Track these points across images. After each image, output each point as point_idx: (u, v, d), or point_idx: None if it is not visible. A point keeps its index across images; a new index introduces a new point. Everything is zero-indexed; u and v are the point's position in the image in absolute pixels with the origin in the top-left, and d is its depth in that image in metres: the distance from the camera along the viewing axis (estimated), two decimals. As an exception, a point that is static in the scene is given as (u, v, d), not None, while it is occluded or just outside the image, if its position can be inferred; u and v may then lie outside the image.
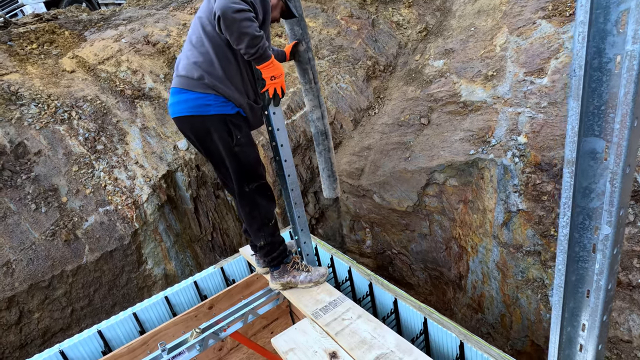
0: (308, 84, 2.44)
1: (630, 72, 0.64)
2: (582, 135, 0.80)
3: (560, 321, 0.98)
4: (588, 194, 0.84)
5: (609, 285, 0.83)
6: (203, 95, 1.86)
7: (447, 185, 3.38)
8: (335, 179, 2.76)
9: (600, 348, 0.91)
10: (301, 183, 4.57)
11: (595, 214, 0.86)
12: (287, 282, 2.23)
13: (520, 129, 2.95)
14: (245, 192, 2.06)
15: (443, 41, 4.22)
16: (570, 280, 0.97)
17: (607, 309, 0.87)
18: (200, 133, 1.96)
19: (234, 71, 1.90)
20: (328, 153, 2.67)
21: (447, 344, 2.09)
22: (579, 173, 0.84)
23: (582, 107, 0.75)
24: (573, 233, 0.89)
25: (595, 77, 0.75)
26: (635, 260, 2.19)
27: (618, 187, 0.72)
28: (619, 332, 2.19)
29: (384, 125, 4.14)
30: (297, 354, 1.69)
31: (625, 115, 0.67)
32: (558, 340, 1.01)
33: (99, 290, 3.65)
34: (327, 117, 2.62)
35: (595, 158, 0.81)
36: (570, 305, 1.00)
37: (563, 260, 0.88)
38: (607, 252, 0.79)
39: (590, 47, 0.74)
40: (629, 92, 0.65)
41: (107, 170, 4.05)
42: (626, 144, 0.69)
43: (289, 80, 4.63)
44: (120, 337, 2.79)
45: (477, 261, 3.26)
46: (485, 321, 3.30)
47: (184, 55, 1.93)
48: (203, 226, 4.47)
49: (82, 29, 5.78)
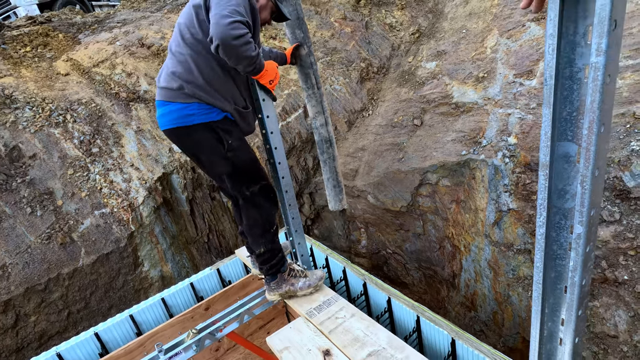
0: (311, 89, 2.33)
1: (595, 82, 0.68)
2: (556, 139, 0.85)
3: (540, 317, 1.03)
4: (563, 195, 0.89)
5: (583, 281, 0.87)
6: (185, 105, 1.82)
7: (439, 186, 3.43)
8: (341, 190, 2.61)
9: (577, 341, 0.96)
10: (296, 184, 4.61)
11: (571, 214, 0.91)
12: (286, 292, 2.16)
13: (510, 129, 3.01)
14: (247, 196, 2.01)
15: (435, 43, 4.28)
16: (550, 277, 1.02)
17: (583, 304, 0.92)
18: (188, 144, 1.93)
19: (218, 78, 1.85)
20: (333, 162, 2.52)
21: (439, 341, 2.14)
22: (554, 175, 0.88)
23: (555, 114, 0.79)
24: (550, 232, 0.94)
25: (567, 85, 0.80)
26: (621, 258, 2.25)
27: (588, 189, 0.77)
28: (605, 327, 2.25)
29: (377, 127, 4.18)
30: (292, 352, 1.73)
31: (592, 122, 0.71)
32: (538, 335, 1.05)
33: (95, 292, 3.66)
34: (330, 124, 2.49)
35: (569, 161, 0.85)
36: (550, 301, 1.05)
37: (541, 258, 0.92)
38: (580, 250, 0.84)
39: (562, 57, 0.78)
40: (595, 101, 0.70)
41: (102, 173, 4.06)
42: (594, 148, 0.73)
43: (283, 82, 4.67)
44: (117, 339, 2.82)
45: (469, 260, 3.32)
46: (478, 319, 3.35)
47: (165, 65, 1.91)
48: (199, 228, 4.49)
49: (76, 31, 5.78)
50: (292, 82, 4.68)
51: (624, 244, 2.23)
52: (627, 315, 2.19)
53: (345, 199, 2.73)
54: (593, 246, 0.87)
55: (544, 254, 0.93)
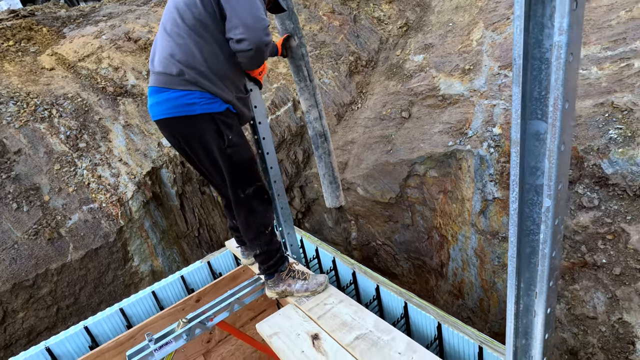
0: (303, 82, 2.26)
1: (559, 61, 0.72)
2: (527, 118, 0.89)
3: (516, 291, 1.08)
4: (535, 172, 0.93)
5: (553, 253, 0.92)
6: (185, 92, 1.66)
7: (427, 177, 3.49)
8: (337, 186, 2.53)
9: (549, 312, 1.01)
10: (287, 178, 4.63)
11: (543, 190, 0.95)
12: (283, 291, 2.09)
13: (495, 120, 3.07)
14: (241, 198, 1.90)
15: (423, 36, 4.32)
16: (525, 253, 1.06)
17: (553, 276, 0.97)
18: (187, 136, 1.77)
19: (220, 63, 1.70)
20: (329, 157, 2.44)
21: (426, 325, 2.19)
22: (526, 153, 0.92)
23: (525, 93, 0.83)
24: (524, 208, 0.98)
25: (536, 65, 0.84)
26: (599, 242, 2.33)
27: (555, 164, 0.81)
28: (585, 309, 2.33)
29: (366, 120, 4.22)
30: (281, 338, 1.76)
31: (557, 99, 0.75)
32: (514, 309, 1.10)
33: (84, 288, 3.64)
34: (325, 118, 2.40)
35: (540, 139, 0.89)
36: (525, 275, 1.09)
37: (514, 233, 0.97)
38: (549, 223, 0.88)
39: (531, 38, 0.82)
40: (559, 78, 0.74)
41: (90, 168, 4.02)
42: (559, 124, 0.77)
43: (272, 76, 4.67)
44: (107, 332, 2.81)
45: (457, 249, 3.39)
46: (465, 306, 3.43)
47: (159, 47, 1.72)
48: (189, 222, 4.48)
49: (60, 25, 5.68)
50: (281, 75, 4.69)
51: (602, 228, 2.31)
52: (605, 297, 2.27)
53: (342, 195, 2.66)
54: (562, 219, 0.92)
55: (517, 229, 0.97)
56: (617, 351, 2.18)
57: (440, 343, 2.07)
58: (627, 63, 2.59)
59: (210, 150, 1.79)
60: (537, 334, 1.04)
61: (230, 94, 1.77)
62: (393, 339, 1.63)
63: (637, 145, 2.26)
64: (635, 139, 2.27)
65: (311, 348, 1.64)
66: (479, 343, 1.82)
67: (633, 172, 2.24)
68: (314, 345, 1.66)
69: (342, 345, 1.63)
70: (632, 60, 2.58)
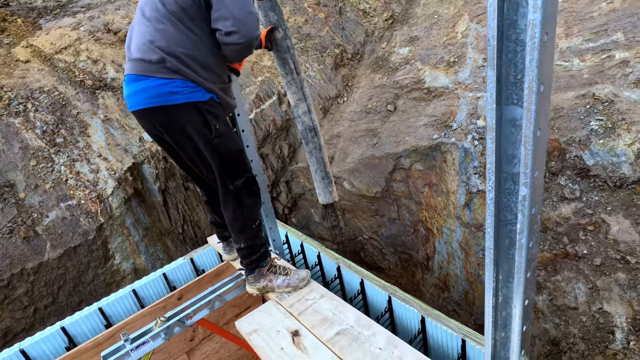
0: (290, 75, 2.20)
1: (533, 40, 0.69)
2: (503, 104, 0.85)
3: (494, 283, 1.05)
4: (512, 160, 0.90)
5: (530, 243, 0.89)
6: (167, 81, 1.56)
7: (412, 170, 3.47)
8: (330, 181, 2.49)
9: (527, 304, 0.99)
10: (272, 173, 4.57)
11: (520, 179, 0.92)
12: (264, 287, 2.05)
13: (479, 112, 3.06)
14: (230, 190, 1.82)
15: (408, 29, 4.28)
16: (503, 244, 1.03)
17: (531, 267, 0.94)
18: (170, 127, 1.66)
19: (203, 53, 1.62)
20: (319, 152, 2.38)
21: (410, 319, 2.17)
22: (503, 140, 0.89)
23: (499, 76, 0.79)
24: (501, 198, 0.95)
25: (511, 48, 0.80)
26: (581, 233, 2.34)
27: (531, 150, 0.78)
28: (567, 300, 2.35)
29: (352, 113, 4.18)
30: (260, 335, 1.72)
31: (532, 81, 0.72)
32: (493, 302, 1.07)
33: (63, 287, 3.54)
34: (314, 111, 2.35)
35: (516, 125, 0.86)
36: (504, 267, 1.07)
37: (491, 223, 0.93)
38: (526, 212, 0.85)
39: (505, 20, 0.78)
40: (534, 59, 0.70)
41: (68, 164, 3.89)
42: (535, 108, 0.74)
43: (256, 69, 4.58)
44: (86, 332, 2.73)
45: (442, 242, 3.38)
46: (451, 299, 3.44)
47: (137, 32, 1.62)
48: (173, 219, 4.39)
49: (36, 16, 5.47)
50: (265, 68, 4.61)
51: (584, 219, 2.32)
52: (586, 287, 2.29)
53: (335, 190, 2.61)
54: (539, 208, 0.89)
55: (494, 220, 0.94)
56: (597, 341, 2.20)
57: (424, 336, 2.06)
58: (608, 54, 2.60)
59: (196, 142, 1.70)
60: (515, 326, 1.02)
61: (213, 84, 1.69)
62: (374, 334, 1.61)
63: (618, 136, 2.27)
64: (616, 130, 2.28)
65: (291, 345, 1.61)
66: (462, 336, 1.81)
67: (613, 163, 2.25)
68: (294, 341, 1.62)
69: (323, 341, 1.60)
70: (613, 52, 2.59)
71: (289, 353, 1.57)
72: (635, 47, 2.51)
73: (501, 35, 0.78)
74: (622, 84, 2.41)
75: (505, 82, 0.84)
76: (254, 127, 4.41)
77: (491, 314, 1.10)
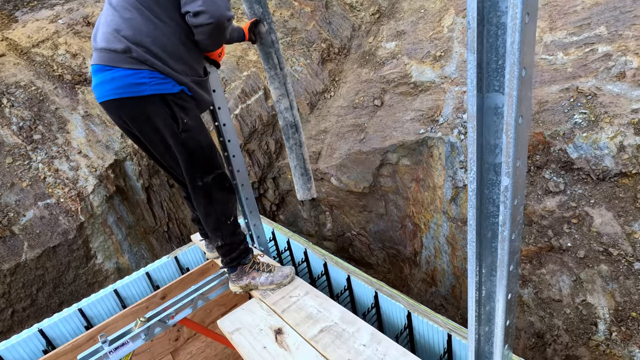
0: (273, 70, 2.17)
1: (514, 21, 0.65)
2: (484, 91, 0.82)
3: (477, 277, 1.03)
4: (494, 150, 0.87)
5: (513, 235, 0.87)
6: (133, 71, 1.51)
7: (400, 165, 3.45)
8: (309, 178, 2.50)
9: (510, 297, 0.96)
10: (259, 169, 4.51)
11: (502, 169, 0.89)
12: (247, 285, 1.99)
13: (465, 107, 3.05)
14: (199, 186, 1.77)
15: (395, 23, 4.25)
16: (486, 237, 1.01)
17: (514, 260, 0.92)
18: (136, 119, 1.62)
19: (173, 44, 1.57)
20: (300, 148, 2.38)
21: (397, 314, 2.16)
22: (484, 129, 0.86)
23: (480, 61, 0.76)
24: (483, 190, 0.92)
25: (493, 31, 0.77)
26: (565, 226, 2.35)
27: (512, 138, 0.75)
28: (551, 292, 2.36)
29: (339, 108, 4.14)
30: (243, 333, 1.68)
31: (514, 65, 0.69)
32: (476, 296, 1.05)
33: (42, 288, 3.43)
34: (296, 107, 2.35)
35: (497, 113, 0.83)
36: (488, 261, 1.05)
37: (473, 215, 0.91)
38: (508, 203, 0.82)
39: (486, 1, 0.75)
40: (515, 42, 0.67)
41: (46, 161, 3.77)
42: (516, 93, 0.71)
43: (242, 64, 4.50)
44: (65, 334, 2.64)
45: (429, 237, 3.38)
46: (438, 294, 3.44)
47: (103, 21, 1.57)
48: (157, 217, 4.30)
49: (12, 8, 5.27)
50: (251, 63, 4.53)
51: (568, 212, 2.33)
52: (570, 280, 2.30)
53: (314, 187, 2.61)
54: (522, 200, 0.87)
55: (476, 212, 0.91)
56: (580, 332, 2.22)
57: (411, 332, 2.04)
58: (591, 48, 2.61)
59: (163, 135, 1.65)
60: (498, 320, 1.00)
61: (185, 76, 1.63)
62: (358, 330, 1.58)
63: (600, 129, 2.28)
64: (599, 124, 2.29)
65: (274, 343, 1.57)
66: (447, 331, 1.79)
67: (596, 156, 2.26)
68: (277, 340, 1.58)
69: (306, 339, 1.56)
70: (596, 46, 2.60)
71: (272, 352, 1.53)
72: (617, 40, 2.52)
73: (482, 18, 0.75)
74: (605, 78, 2.42)
75: (487, 68, 0.80)
76: (239, 122, 4.34)
77: (475, 308, 1.08)
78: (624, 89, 2.31)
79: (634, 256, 2.08)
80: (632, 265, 2.08)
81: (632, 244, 2.11)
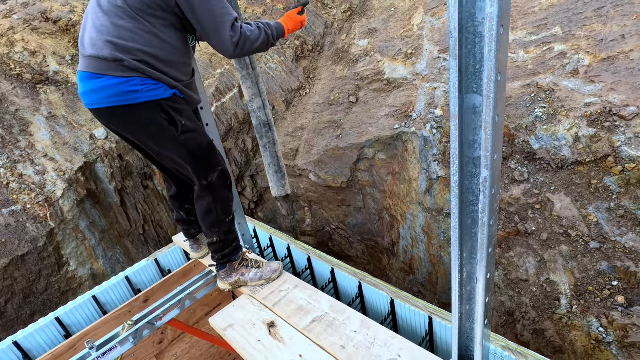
0: (245, 70, 2.18)
1: (491, 32, 0.74)
2: (464, 92, 0.91)
3: (459, 260, 1.13)
4: (473, 145, 0.97)
5: (491, 221, 0.97)
6: (125, 79, 1.49)
7: (376, 160, 3.57)
8: (283, 175, 2.55)
9: (489, 277, 1.07)
10: (237, 168, 4.49)
11: (481, 161, 0.99)
12: (236, 281, 2.03)
13: (436, 102, 3.20)
14: (205, 186, 1.79)
15: (367, 21, 4.36)
16: (467, 224, 1.11)
17: (492, 243, 1.02)
18: (132, 127, 1.62)
19: (166, 51, 1.56)
20: (273, 146, 2.43)
21: (380, 302, 2.26)
22: (464, 127, 0.95)
23: (460, 66, 0.85)
24: (464, 181, 1.02)
25: (470, 39, 0.86)
26: (529, 212, 2.55)
27: (490, 135, 0.85)
28: (519, 273, 2.57)
29: (315, 105, 4.20)
30: (236, 329, 1.71)
31: (491, 71, 0.78)
32: (459, 278, 1.16)
33: (12, 300, 3.26)
34: (269, 107, 2.38)
35: (476, 112, 0.93)
36: (468, 245, 1.15)
37: (456, 204, 1.00)
38: (487, 192, 0.92)
39: (464, 13, 0.83)
40: (492, 50, 0.76)
41: (8, 166, 3.57)
42: (493, 96, 0.80)
43: (215, 61, 4.44)
44: (43, 345, 2.55)
45: (406, 228, 3.53)
46: (416, 281, 3.61)
47: (91, 26, 1.52)
48: (132, 220, 4.18)
49: (-42, 2, 4.89)
50: (224, 60, 4.48)
51: (532, 199, 2.53)
52: (535, 260, 2.51)
53: (288, 184, 2.67)
54: (498, 189, 0.97)
55: (458, 201, 1.01)
56: (545, 308, 2.44)
57: (394, 317, 2.16)
58: (548, 47, 2.83)
59: (162, 140, 1.65)
60: (479, 298, 1.11)
61: (176, 80, 1.64)
62: (348, 318, 1.66)
63: (558, 122, 2.49)
64: (557, 117, 2.50)
65: (268, 336, 1.62)
66: (428, 314, 1.91)
67: (555, 146, 2.47)
68: (270, 333, 1.63)
69: (299, 330, 1.63)
70: (552, 45, 2.82)
71: (267, 345, 1.58)
72: (571, 40, 2.75)
73: (461, 27, 0.84)
74: (561, 74, 2.64)
75: (466, 72, 0.90)
76: (215, 121, 4.29)
77: (457, 289, 1.19)
78: (578, 84, 2.54)
79: (590, 236, 2.31)
80: (589, 245, 2.30)
81: (588, 226, 2.33)
